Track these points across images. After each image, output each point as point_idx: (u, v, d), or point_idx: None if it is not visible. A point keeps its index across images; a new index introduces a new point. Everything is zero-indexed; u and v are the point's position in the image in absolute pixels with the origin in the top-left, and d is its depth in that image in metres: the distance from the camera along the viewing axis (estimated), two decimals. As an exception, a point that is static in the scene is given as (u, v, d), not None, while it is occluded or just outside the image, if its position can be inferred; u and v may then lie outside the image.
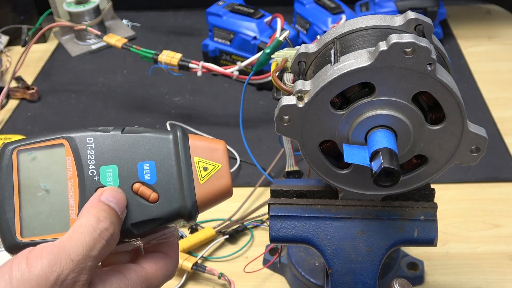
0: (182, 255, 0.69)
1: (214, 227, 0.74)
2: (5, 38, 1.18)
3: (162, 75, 1.02)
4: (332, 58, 0.44)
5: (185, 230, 0.74)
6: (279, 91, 0.49)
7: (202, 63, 0.85)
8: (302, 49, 0.49)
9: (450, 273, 0.68)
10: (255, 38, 0.98)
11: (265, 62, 0.76)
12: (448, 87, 0.42)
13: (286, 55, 0.51)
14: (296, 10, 1.08)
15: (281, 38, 0.74)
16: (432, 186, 0.51)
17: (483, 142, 0.45)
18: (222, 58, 1.05)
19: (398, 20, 0.47)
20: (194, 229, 0.74)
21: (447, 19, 1.19)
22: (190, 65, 0.85)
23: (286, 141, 0.62)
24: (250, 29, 0.99)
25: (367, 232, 0.50)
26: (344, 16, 1.01)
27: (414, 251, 0.69)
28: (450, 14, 1.19)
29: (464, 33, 1.15)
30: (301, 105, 0.44)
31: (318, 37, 0.50)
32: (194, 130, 0.90)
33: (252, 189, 0.79)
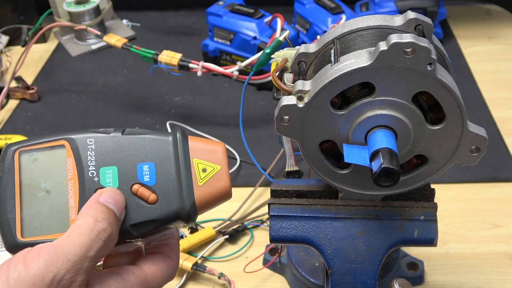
0: (182, 255, 0.69)
1: (214, 227, 0.74)
2: (5, 38, 1.18)
3: (162, 75, 1.02)
4: (332, 58, 0.44)
5: (185, 230, 0.74)
6: (279, 91, 0.49)
7: (202, 63, 0.85)
8: (302, 49, 0.49)
9: (450, 273, 0.68)
10: (255, 38, 0.98)
11: (265, 62, 0.76)
12: (448, 87, 0.42)
13: (286, 55, 0.51)
14: (296, 10, 1.08)
15: (281, 38, 0.74)
16: (432, 186, 0.51)
17: (483, 142, 0.45)
18: (222, 58, 1.05)
19: (398, 20, 0.47)
20: (194, 229, 0.74)
21: (447, 19, 1.19)
22: (190, 65, 0.85)
23: (286, 141, 0.62)
24: (250, 29, 0.99)
25: (367, 232, 0.50)
26: (344, 16, 1.01)
27: (414, 251, 0.69)
28: (450, 14, 1.19)
29: (464, 33, 1.15)
30: (301, 105, 0.44)
31: (318, 37, 0.50)
32: (194, 130, 0.90)
33: (252, 189, 0.79)
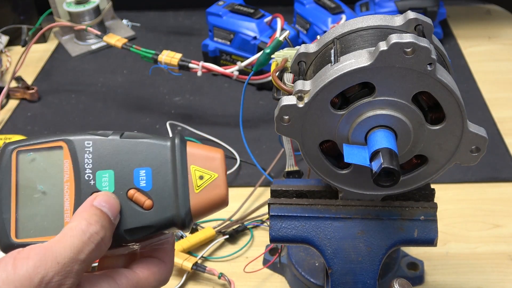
0: (182, 255, 0.69)
1: (214, 227, 0.74)
2: (5, 38, 1.18)
3: (162, 75, 1.02)
4: (332, 58, 0.44)
5: (185, 230, 0.74)
6: (279, 91, 0.49)
7: (202, 63, 0.85)
8: (302, 49, 0.49)
9: (450, 273, 0.68)
10: (255, 38, 0.98)
11: (265, 62, 0.76)
12: (448, 87, 0.42)
13: (286, 55, 0.51)
14: (296, 10, 1.08)
15: (281, 38, 0.74)
16: (432, 186, 0.51)
17: (483, 142, 0.45)
18: (222, 58, 1.05)
19: (398, 20, 0.47)
20: (194, 229, 0.73)
21: (447, 19, 1.19)
22: (190, 65, 0.85)
23: (286, 141, 0.62)
24: (250, 29, 0.99)
25: (367, 232, 0.50)
26: (344, 16, 1.01)
27: (414, 251, 0.69)
28: (450, 14, 1.19)
29: (464, 33, 1.15)
30: (301, 105, 0.44)
31: (318, 37, 0.50)
32: (194, 130, 0.90)
33: (252, 189, 0.79)
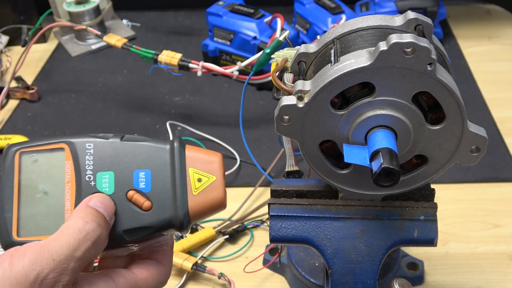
0: (182, 255, 0.69)
1: (214, 227, 0.74)
2: (5, 38, 1.18)
3: (162, 75, 1.02)
4: (332, 58, 0.44)
5: (185, 230, 0.74)
6: (279, 91, 0.49)
7: (202, 63, 0.85)
8: (302, 49, 0.49)
9: (450, 273, 0.68)
10: (255, 38, 0.98)
11: (265, 62, 0.76)
12: (448, 87, 0.42)
13: (286, 55, 0.51)
14: (296, 10, 1.08)
15: (281, 38, 0.74)
16: (432, 186, 0.51)
17: (483, 142, 0.45)
18: (222, 58, 1.05)
19: (398, 20, 0.47)
20: (194, 229, 0.73)
21: (447, 19, 1.19)
22: (190, 65, 0.85)
23: (286, 141, 0.62)
24: (250, 29, 0.99)
25: (367, 232, 0.50)
26: (344, 16, 1.01)
27: (414, 251, 0.69)
28: (450, 14, 1.19)
29: (464, 33, 1.15)
30: (301, 105, 0.44)
31: (318, 37, 0.50)
32: (194, 130, 0.90)
33: (252, 189, 0.79)
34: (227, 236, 0.73)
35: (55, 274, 0.35)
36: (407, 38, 0.40)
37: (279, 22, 0.93)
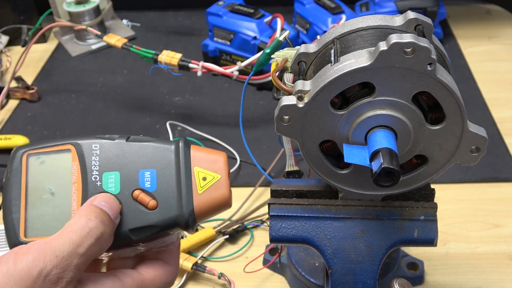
0: (182, 255, 0.69)
1: (214, 227, 0.74)
2: (5, 38, 1.18)
3: (162, 75, 1.02)
4: (332, 58, 0.44)
5: (185, 230, 0.74)
6: (279, 91, 0.49)
7: (202, 63, 0.85)
8: (302, 49, 0.49)
9: (450, 273, 0.68)
10: (255, 38, 0.98)
11: (265, 62, 0.76)
12: (448, 87, 0.42)
13: (286, 55, 0.51)
14: (296, 10, 1.08)
15: (281, 38, 0.74)
16: (432, 186, 0.51)
17: (483, 142, 0.45)
18: (222, 58, 1.05)
19: (398, 20, 0.47)
20: (194, 229, 0.74)
21: (447, 19, 1.19)
22: (190, 65, 0.85)
23: (286, 141, 0.62)
24: (250, 29, 0.99)
25: (367, 232, 0.50)
26: (344, 16, 1.01)
27: (414, 251, 0.69)
28: (450, 14, 1.19)
29: (464, 33, 1.15)
30: (301, 105, 0.44)
31: (318, 37, 0.50)
32: (194, 130, 0.90)
33: (252, 189, 0.79)
34: (227, 236, 0.73)
35: (58, 270, 0.35)
36: (407, 38, 0.40)
37: (279, 22, 0.93)
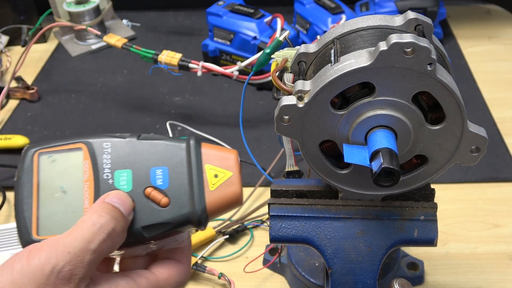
0: (182, 255, 0.69)
1: (214, 227, 0.74)
2: (5, 38, 1.18)
3: (162, 75, 1.02)
4: (332, 58, 0.44)
5: (185, 230, 0.74)
6: (279, 91, 0.49)
7: (202, 63, 0.85)
8: (302, 49, 0.49)
9: (450, 273, 0.68)
10: (255, 38, 0.98)
11: (265, 62, 0.76)
12: (448, 87, 0.42)
13: (286, 55, 0.51)
14: (296, 10, 1.08)
15: (281, 38, 0.74)
16: (432, 186, 0.51)
17: (483, 142, 0.45)
18: (222, 58, 1.05)
19: (398, 20, 0.46)
20: (194, 229, 0.74)
21: (447, 19, 1.19)
22: (190, 65, 0.85)
23: (286, 141, 0.62)
24: (250, 29, 0.99)
25: (367, 232, 0.50)
26: (344, 16, 1.01)
27: (414, 251, 0.69)
28: (450, 14, 1.19)
29: (464, 33, 1.15)
30: (301, 105, 0.44)
31: (318, 37, 0.50)
32: (194, 130, 0.90)
33: (252, 189, 0.79)
34: (227, 236, 0.73)
35: (71, 266, 0.36)
36: (407, 38, 0.40)
37: (279, 22, 0.93)
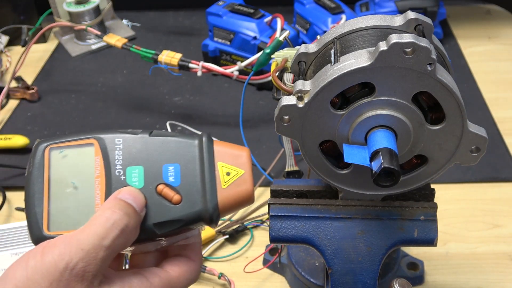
0: (182, 255, 0.69)
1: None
2: (5, 38, 1.18)
3: (162, 75, 1.02)
4: (332, 58, 0.44)
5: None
6: (279, 91, 0.49)
7: (202, 63, 0.85)
8: (302, 49, 0.49)
9: (450, 273, 0.68)
10: (255, 38, 0.98)
11: (265, 62, 0.76)
12: (448, 87, 0.42)
13: (286, 55, 0.51)
14: (296, 10, 1.08)
15: (281, 38, 0.74)
16: (432, 186, 0.51)
17: (483, 142, 0.45)
18: (222, 58, 1.05)
19: (398, 20, 0.46)
20: (194, 229, 0.74)
21: (447, 19, 1.19)
22: (190, 65, 0.85)
23: (286, 141, 0.62)
24: (250, 29, 0.99)
25: (367, 232, 0.50)
26: (344, 16, 1.01)
27: (414, 251, 0.69)
28: (450, 14, 1.19)
29: (464, 33, 1.15)
30: (301, 105, 0.44)
31: (318, 37, 0.50)
32: (194, 130, 0.90)
33: (252, 189, 0.79)
34: (227, 236, 0.73)
35: (84, 263, 0.36)
36: (407, 38, 0.40)
37: (279, 22, 0.93)
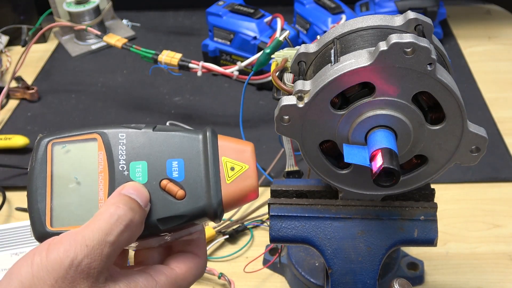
0: (182, 255, 0.69)
1: (214, 227, 0.74)
2: (5, 38, 1.18)
3: (162, 75, 1.02)
4: (332, 58, 0.44)
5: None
6: (279, 91, 0.49)
7: (202, 63, 0.85)
8: (302, 49, 0.49)
9: (450, 273, 0.68)
10: (255, 38, 0.98)
11: (265, 62, 0.76)
12: (448, 87, 0.42)
13: (286, 55, 0.51)
14: (296, 10, 1.08)
15: (281, 38, 0.74)
16: (432, 186, 0.51)
17: (483, 142, 0.45)
18: (222, 58, 1.05)
19: (398, 20, 0.47)
20: (194, 229, 0.74)
21: (447, 19, 1.19)
22: (190, 65, 0.85)
23: (286, 141, 0.62)
24: (250, 29, 0.99)
25: (367, 232, 0.50)
26: (344, 16, 1.01)
27: (414, 251, 0.69)
28: (450, 14, 1.19)
29: (464, 33, 1.15)
30: (301, 105, 0.44)
31: (318, 37, 0.50)
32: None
33: (252, 189, 0.79)
34: (227, 236, 0.73)
35: (89, 260, 0.35)
36: (407, 38, 0.40)
37: (279, 22, 0.93)
